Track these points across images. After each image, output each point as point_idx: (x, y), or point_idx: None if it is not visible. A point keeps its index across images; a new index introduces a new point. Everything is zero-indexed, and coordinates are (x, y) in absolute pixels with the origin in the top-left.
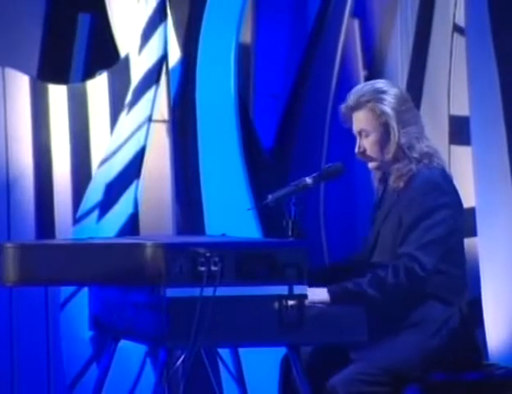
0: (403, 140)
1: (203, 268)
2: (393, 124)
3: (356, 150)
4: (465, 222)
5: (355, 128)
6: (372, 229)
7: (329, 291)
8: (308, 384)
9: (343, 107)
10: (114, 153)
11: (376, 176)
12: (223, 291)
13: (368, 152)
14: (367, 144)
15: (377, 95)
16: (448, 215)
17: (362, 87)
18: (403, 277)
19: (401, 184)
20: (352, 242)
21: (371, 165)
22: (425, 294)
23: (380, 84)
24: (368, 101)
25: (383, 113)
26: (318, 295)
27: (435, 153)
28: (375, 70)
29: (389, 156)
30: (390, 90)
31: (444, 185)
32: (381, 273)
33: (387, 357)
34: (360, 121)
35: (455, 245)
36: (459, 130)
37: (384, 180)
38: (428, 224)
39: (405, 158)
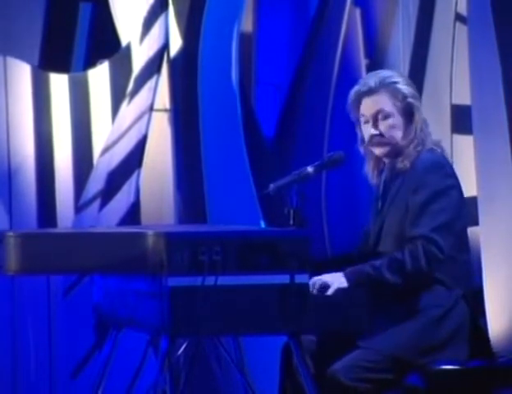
0: (424, 126)
1: (204, 257)
2: (418, 106)
3: (372, 132)
4: (467, 207)
5: (369, 111)
6: (375, 221)
7: (346, 276)
8: (309, 372)
9: (358, 90)
10: (115, 142)
11: (373, 171)
12: (225, 280)
13: (385, 135)
14: (384, 126)
15: (400, 79)
16: (456, 198)
17: (379, 72)
18: (423, 261)
19: (408, 164)
20: (353, 231)
21: (380, 151)
22: (431, 280)
23: (392, 72)
24: (393, 82)
25: (407, 96)
26: (335, 280)
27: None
28: (377, 59)
29: (404, 142)
30: (405, 79)
31: (447, 167)
32: (399, 257)
33: (390, 344)
34: (379, 103)
35: (462, 229)
36: (461, 120)
37: (389, 168)
38: (440, 206)
39: (415, 144)
